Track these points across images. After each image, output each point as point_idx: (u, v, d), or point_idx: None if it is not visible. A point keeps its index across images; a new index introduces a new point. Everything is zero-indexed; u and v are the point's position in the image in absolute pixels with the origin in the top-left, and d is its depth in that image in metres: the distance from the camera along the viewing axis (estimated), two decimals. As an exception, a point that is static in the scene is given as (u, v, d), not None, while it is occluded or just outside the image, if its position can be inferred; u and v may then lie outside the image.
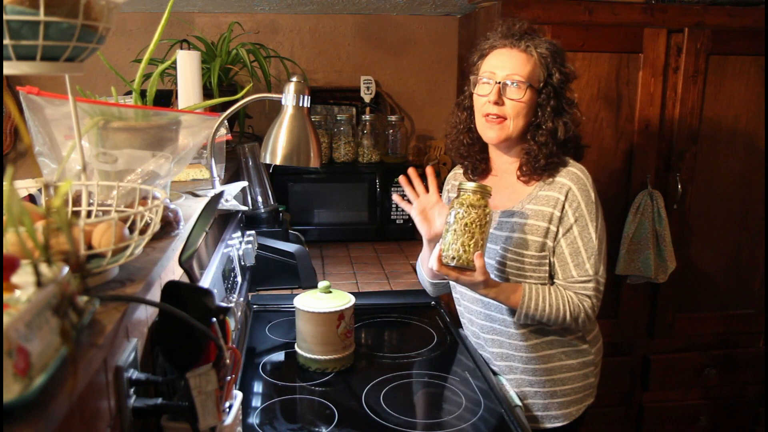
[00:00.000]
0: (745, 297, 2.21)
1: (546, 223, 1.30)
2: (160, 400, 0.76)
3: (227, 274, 1.32)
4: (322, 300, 1.35)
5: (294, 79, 1.33)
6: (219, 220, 1.42)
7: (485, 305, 1.39)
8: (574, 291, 1.30)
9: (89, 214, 0.80)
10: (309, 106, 1.34)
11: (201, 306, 0.77)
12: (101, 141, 0.90)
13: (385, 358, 1.44)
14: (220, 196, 1.01)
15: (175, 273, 0.96)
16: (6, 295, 0.47)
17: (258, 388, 1.29)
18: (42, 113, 0.88)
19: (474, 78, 1.36)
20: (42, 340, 0.46)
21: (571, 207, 1.30)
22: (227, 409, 0.86)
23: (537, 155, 1.31)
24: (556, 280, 1.33)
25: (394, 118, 2.41)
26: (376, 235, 2.37)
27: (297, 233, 1.90)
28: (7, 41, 0.60)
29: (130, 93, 1.25)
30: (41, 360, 0.46)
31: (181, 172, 1.37)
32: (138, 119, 0.93)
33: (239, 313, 1.38)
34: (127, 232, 0.70)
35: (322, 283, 1.38)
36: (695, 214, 2.11)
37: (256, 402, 1.23)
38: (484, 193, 1.21)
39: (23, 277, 0.49)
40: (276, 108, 1.39)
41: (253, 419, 1.16)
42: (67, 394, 0.47)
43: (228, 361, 0.81)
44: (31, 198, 0.96)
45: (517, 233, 1.33)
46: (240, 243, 1.54)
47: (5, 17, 0.58)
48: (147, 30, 2.36)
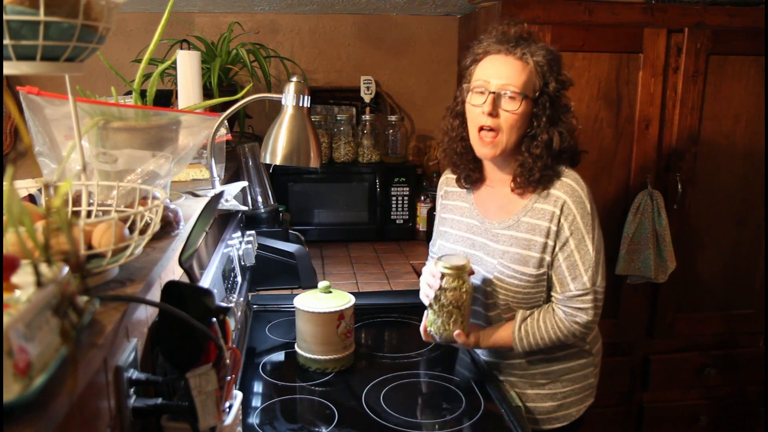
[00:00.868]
0: (745, 297, 2.21)
1: (543, 238, 1.28)
2: (160, 400, 0.76)
3: (227, 274, 1.32)
4: (322, 300, 1.35)
5: (294, 79, 1.33)
6: (219, 220, 1.42)
7: (486, 307, 1.39)
8: (571, 306, 1.28)
9: (89, 214, 0.80)
10: (309, 106, 1.34)
11: (201, 306, 0.77)
12: (101, 141, 0.90)
13: (385, 358, 1.44)
14: (220, 196, 1.01)
15: (175, 273, 0.96)
16: (6, 295, 0.47)
17: (258, 388, 1.29)
18: (42, 113, 0.88)
19: (467, 86, 1.32)
20: (42, 340, 0.46)
21: (567, 220, 1.27)
22: (227, 409, 0.86)
23: (531, 168, 1.28)
24: (552, 293, 1.32)
25: (394, 118, 2.41)
26: (376, 235, 2.37)
27: (297, 233, 1.90)
28: (7, 41, 0.60)
29: (130, 93, 1.25)
30: (41, 360, 0.46)
31: (181, 172, 1.37)
32: (138, 119, 0.93)
33: (239, 313, 1.38)
34: (127, 232, 0.70)
35: (322, 283, 1.38)
36: (695, 214, 2.11)
37: (256, 402, 1.23)
38: (460, 273, 1.24)
39: (23, 277, 0.49)
40: (276, 108, 1.39)
41: (253, 419, 1.16)
42: (67, 394, 0.47)
43: (228, 361, 0.81)
44: (31, 198, 0.96)
45: (515, 248, 1.31)
46: (240, 243, 1.54)
47: (5, 17, 0.58)
48: (147, 30, 2.36)
